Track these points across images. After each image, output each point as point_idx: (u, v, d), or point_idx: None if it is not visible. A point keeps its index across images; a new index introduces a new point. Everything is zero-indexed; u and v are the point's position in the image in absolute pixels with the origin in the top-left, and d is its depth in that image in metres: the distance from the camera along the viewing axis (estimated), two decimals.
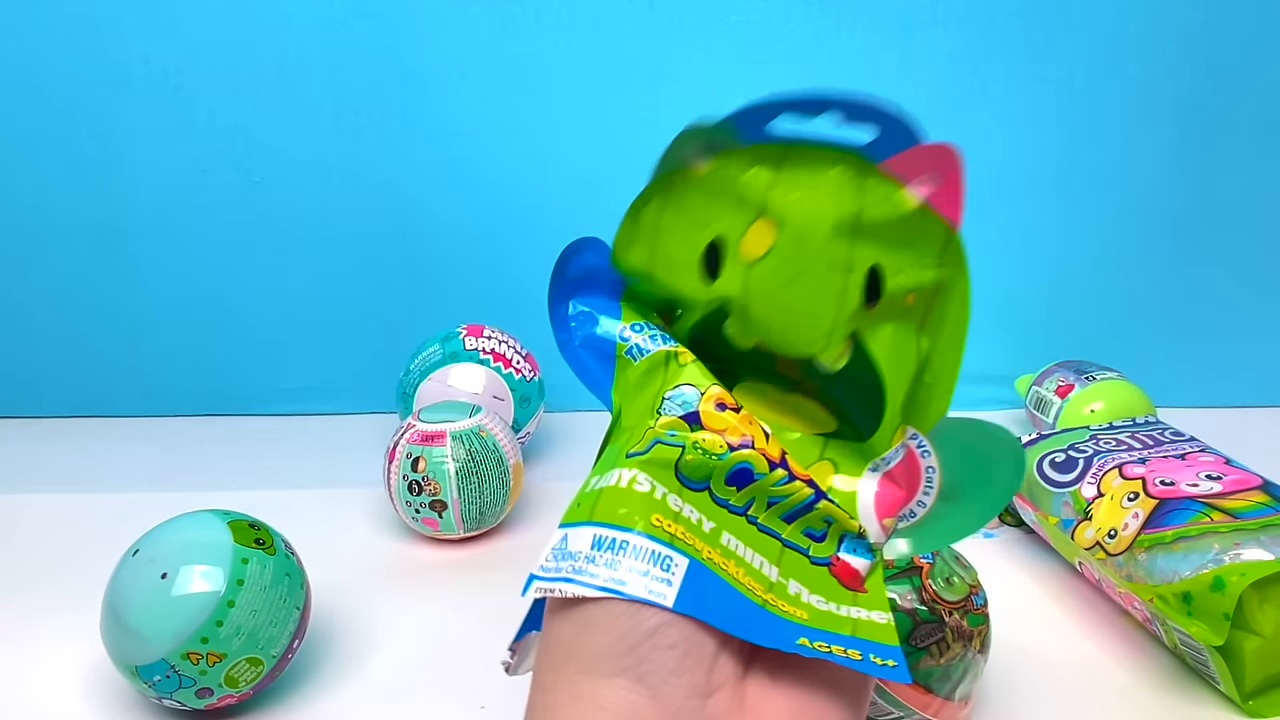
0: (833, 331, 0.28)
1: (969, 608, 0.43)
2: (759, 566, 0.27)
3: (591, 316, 0.31)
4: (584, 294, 0.31)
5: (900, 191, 0.27)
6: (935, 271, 0.28)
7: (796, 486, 0.28)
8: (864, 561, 0.29)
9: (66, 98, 0.76)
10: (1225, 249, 0.84)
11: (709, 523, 0.27)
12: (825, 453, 0.29)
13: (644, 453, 0.27)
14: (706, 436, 0.27)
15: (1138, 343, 0.85)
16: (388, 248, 0.82)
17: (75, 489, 0.71)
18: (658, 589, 0.24)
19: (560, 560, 0.25)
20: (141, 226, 0.80)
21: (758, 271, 0.28)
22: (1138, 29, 0.78)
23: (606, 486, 0.26)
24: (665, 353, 0.29)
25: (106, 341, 0.83)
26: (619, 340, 0.30)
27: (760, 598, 0.26)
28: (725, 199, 0.28)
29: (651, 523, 0.25)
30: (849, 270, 0.27)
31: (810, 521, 0.28)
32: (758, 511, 0.28)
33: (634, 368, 0.29)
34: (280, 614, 0.46)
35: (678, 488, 0.27)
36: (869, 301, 0.27)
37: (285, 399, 0.85)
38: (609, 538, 0.25)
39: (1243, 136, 0.81)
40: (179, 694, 0.44)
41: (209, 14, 0.75)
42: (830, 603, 0.27)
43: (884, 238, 0.27)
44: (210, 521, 0.46)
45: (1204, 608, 0.46)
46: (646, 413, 0.28)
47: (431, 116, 0.78)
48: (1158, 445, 0.59)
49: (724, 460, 0.27)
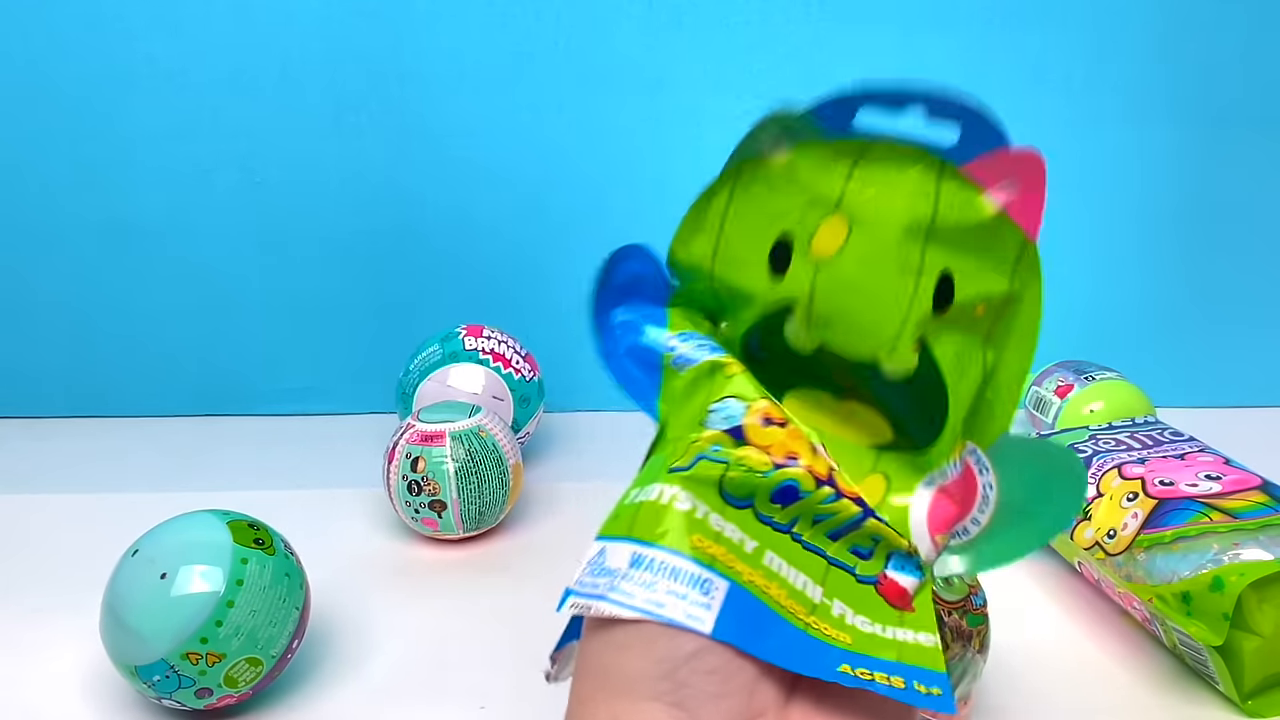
0: (900, 335, 0.27)
1: (968, 608, 0.43)
2: (802, 587, 0.26)
3: (636, 325, 0.30)
4: (629, 302, 0.30)
5: (978, 196, 0.26)
6: (1008, 282, 0.27)
7: (844, 504, 0.27)
8: (912, 580, 0.28)
9: (71, 98, 0.76)
10: (1225, 249, 0.84)
11: (751, 542, 0.26)
12: (878, 465, 0.28)
13: (687, 468, 0.26)
14: (751, 453, 0.26)
15: (1138, 343, 0.85)
16: (388, 248, 0.82)
17: (75, 489, 0.71)
18: (696, 613, 0.23)
19: (597, 575, 0.24)
20: (144, 226, 0.80)
21: (827, 270, 0.27)
22: (1137, 29, 0.78)
23: (646, 501, 0.25)
24: (711, 363, 0.28)
25: (107, 341, 0.83)
26: (665, 349, 0.29)
27: (802, 621, 0.25)
28: (799, 193, 0.27)
29: (693, 544, 0.24)
30: (920, 274, 0.26)
31: (857, 539, 0.27)
32: (803, 529, 0.27)
33: (680, 378, 0.29)
34: (280, 614, 0.46)
35: (720, 505, 0.26)
36: (938, 308, 0.26)
37: (285, 399, 0.85)
38: (648, 557, 0.24)
39: (1242, 136, 0.81)
40: (178, 694, 0.44)
41: (213, 14, 0.75)
42: (875, 624, 0.26)
43: (959, 243, 0.26)
44: (210, 521, 0.46)
45: (1203, 608, 0.46)
46: (691, 425, 0.27)
47: (431, 116, 0.78)
48: (1157, 445, 0.59)
49: (769, 478, 0.26)
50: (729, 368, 0.28)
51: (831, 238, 0.27)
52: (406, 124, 0.78)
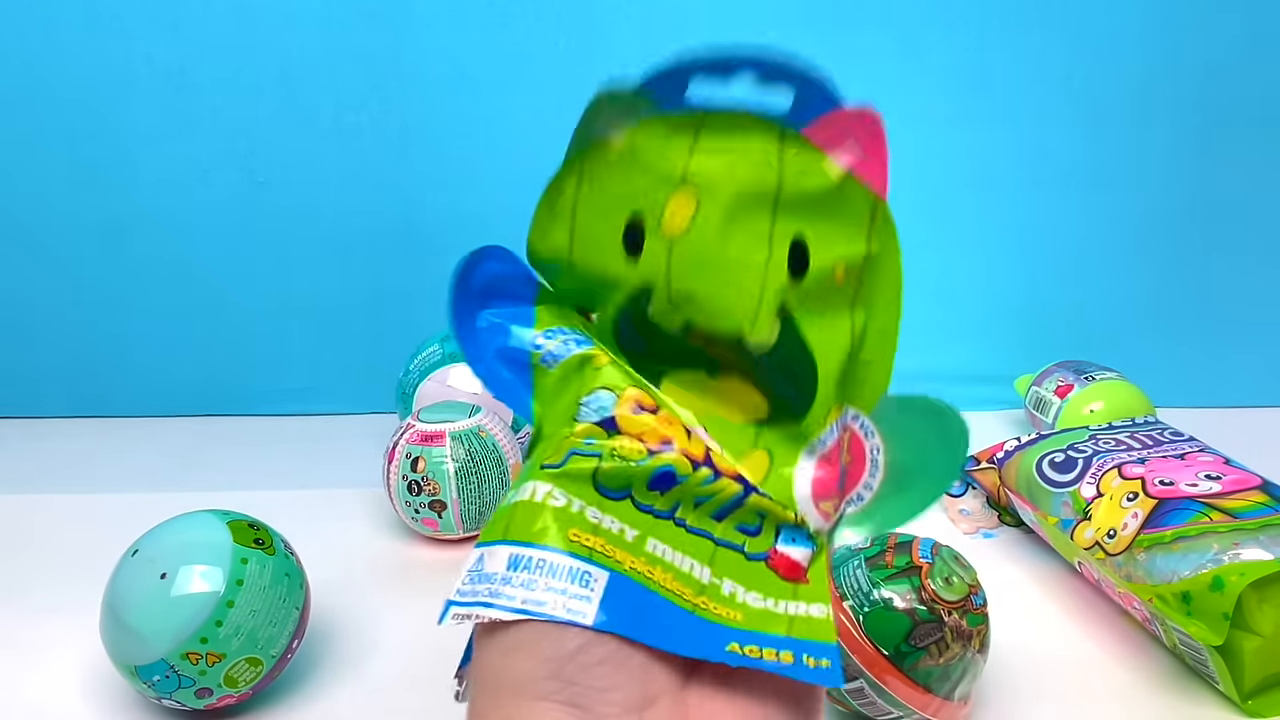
0: (760, 307, 0.26)
1: (968, 607, 0.43)
2: (689, 570, 0.26)
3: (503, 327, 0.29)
4: (493, 304, 0.30)
5: (822, 160, 0.26)
6: (864, 244, 0.27)
7: (724, 484, 0.27)
8: (804, 551, 0.27)
9: (69, 98, 0.76)
10: (1225, 249, 0.84)
11: (632, 531, 0.26)
12: (759, 441, 0.28)
13: (559, 465, 0.26)
14: (624, 442, 0.26)
15: (1138, 343, 0.85)
16: (388, 248, 0.82)
17: (75, 489, 0.71)
18: (577, 607, 0.23)
19: (477, 583, 0.24)
20: (143, 226, 0.80)
21: (680, 246, 0.26)
22: (1136, 29, 0.78)
23: (521, 501, 0.25)
24: (579, 356, 0.28)
25: (107, 341, 0.83)
26: (532, 348, 0.29)
27: (690, 603, 0.25)
28: (644, 172, 0.27)
29: (569, 538, 0.24)
30: (773, 242, 0.26)
31: (742, 517, 0.27)
32: (685, 513, 0.27)
33: (550, 375, 0.28)
34: (280, 614, 0.46)
35: (597, 499, 0.26)
36: (796, 275, 0.26)
37: (285, 399, 0.85)
38: (525, 556, 0.24)
39: (1242, 136, 0.81)
40: (178, 694, 0.44)
41: (211, 14, 0.75)
42: (768, 599, 0.26)
43: (809, 209, 0.26)
44: (210, 521, 0.46)
45: (1203, 607, 0.46)
46: (563, 421, 0.27)
47: (431, 116, 0.78)
48: (1157, 445, 0.59)
49: (644, 465, 0.26)
50: (597, 359, 0.28)
51: (680, 214, 0.26)
52: (406, 124, 0.78)
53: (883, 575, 0.43)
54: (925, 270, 0.88)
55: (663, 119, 0.27)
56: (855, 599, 0.43)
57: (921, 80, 0.79)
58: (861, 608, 0.43)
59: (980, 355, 0.85)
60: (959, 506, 0.67)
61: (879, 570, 0.44)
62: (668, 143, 0.27)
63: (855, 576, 0.44)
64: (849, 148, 0.26)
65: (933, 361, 0.84)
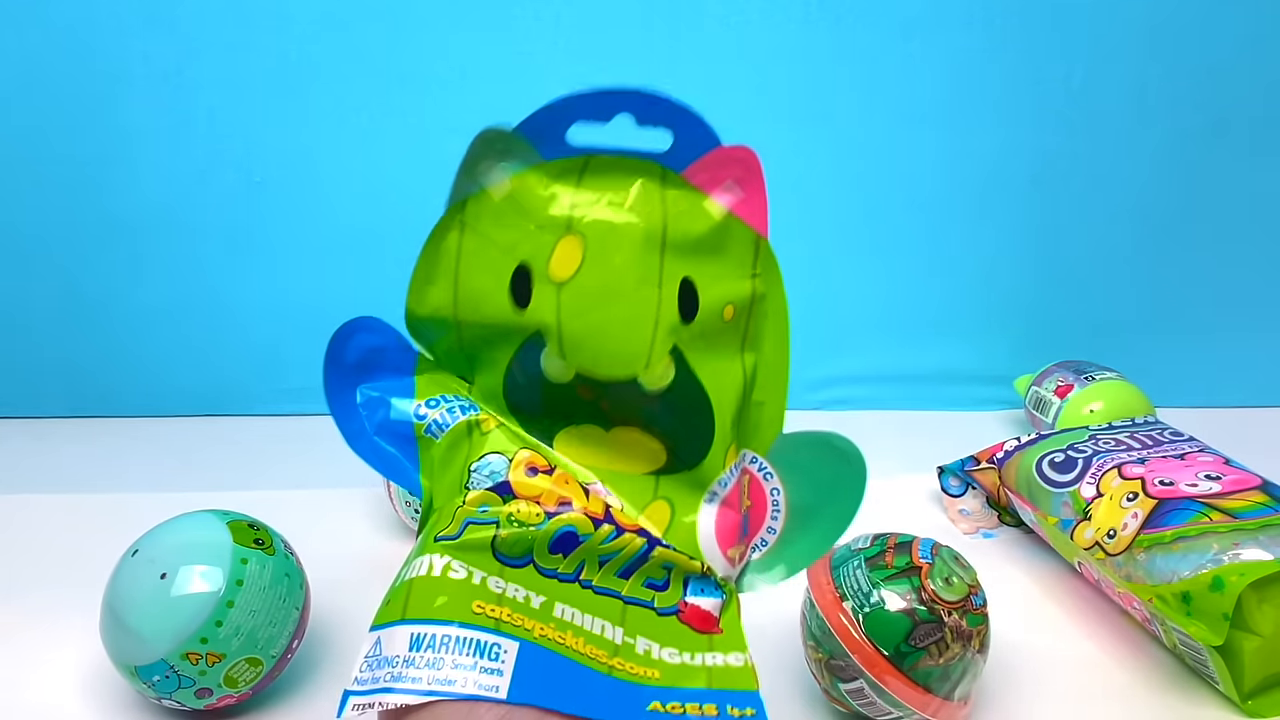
0: (652, 348, 0.26)
1: (968, 607, 0.43)
2: (601, 631, 0.25)
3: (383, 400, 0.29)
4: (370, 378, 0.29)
5: (704, 201, 0.26)
6: (749, 282, 0.27)
7: (627, 540, 0.26)
8: (714, 600, 0.27)
9: (66, 97, 0.76)
10: (1224, 249, 0.84)
11: (538, 598, 0.25)
12: (659, 491, 0.28)
13: (455, 536, 0.25)
14: (521, 507, 0.26)
15: (1137, 343, 0.85)
16: (387, 248, 0.81)
17: (75, 489, 0.71)
18: (489, 681, 0.23)
19: (377, 669, 0.24)
20: (141, 226, 0.80)
21: (569, 292, 0.26)
22: (1136, 29, 0.78)
23: (417, 577, 0.25)
24: (467, 423, 0.28)
25: (106, 341, 0.83)
26: (415, 419, 0.28)
27: (605, 665, 0.25)
28: (527, 220, 0.27)
29: (473, 610, 0.24)
30: (661, 284, 0.26)
31: (649, 572, 0.27)
32: (590, 574, 0.26)
33: (436, 445, 0.28)
34: (279, 614, 0.46)
35: (498, 569, 0.25)
36: (686, 316, 0.26)
37: (285, 399, 0.85)
38: (428, 634, 0.23)
39: (1241, 136, 0.81)
40: (178, 694, 0.44)
41: (209, 13, 0.75)
42: (684, 654, 0.26)
43: (694, 249, 0.26)
44: (209, 522, 0.46)
45: (1203, 608, 0.46)
46: (455, 490, 0.27)
47: (431, 116, 0.78)
48: (1157, 445, 0.59)
49: (543, 529, 0.26)
50: (485, 424, 0.27)
51: (567, 260, 0.26)
52: (406, 124, 0.78)
53: (883, 575, 0.43)
54: (925, 271, 0.89)
55: (544, 165, 0.27)
56: (855, 599, 0.43)
57: (921, 80, 0.79)
58: (861, 608, 0.43)
59: (980, 355, 0.85)
60: (959, 506, 0.67)
61: (879, 570, 0.44)
62: (550, 189, 0.26)
63: (855, 577, 0.44)
64: (728, 188, 0.26)
65: (933, 361, 0.84)
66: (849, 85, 0.78)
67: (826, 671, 0.45)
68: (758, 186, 0.26)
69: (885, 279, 0.85)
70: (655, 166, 0.26)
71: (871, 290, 0.85)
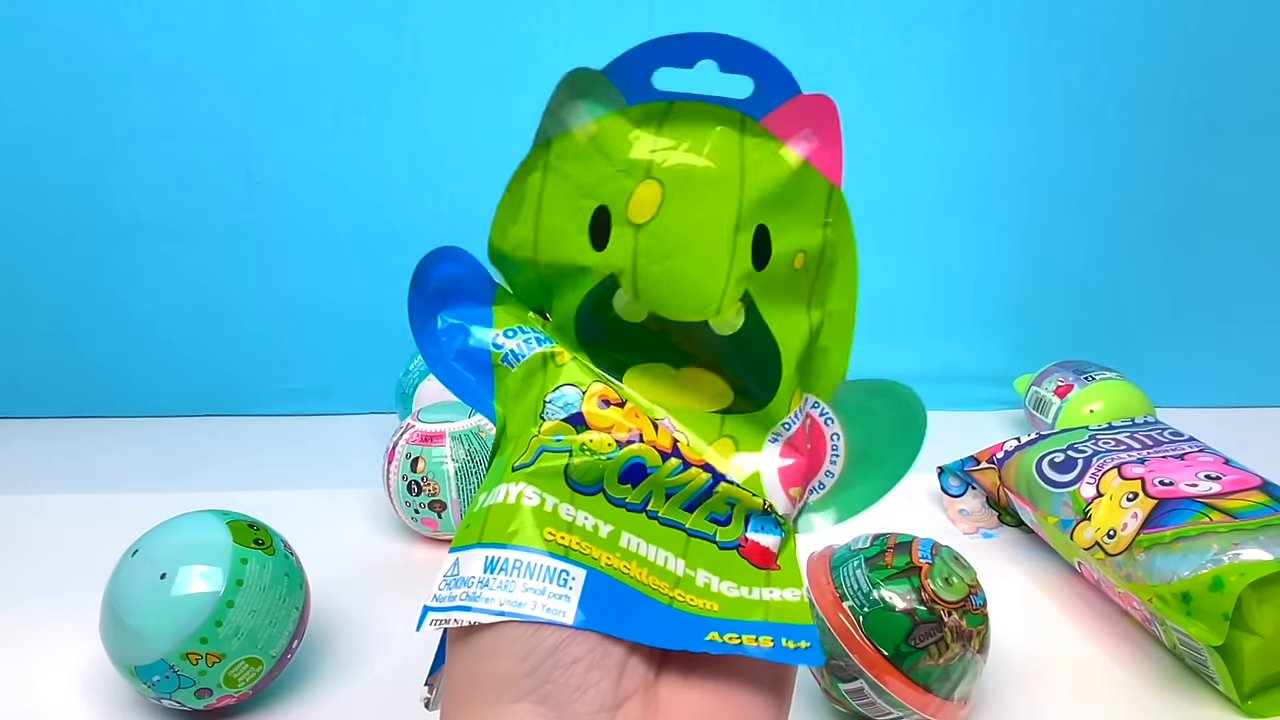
0: (725, 292, 0.27)
1: (968, 608, 0.43)
2: (664, 563, 0.26)
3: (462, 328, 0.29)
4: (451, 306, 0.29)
5: (781, 149, 0.27)
6: (821, 231, 0.27)
7: (693, 474, 0.27)
8: (773, 538, 0.28)
9: (66, 98, 0.76)
10: (1224, 249, 0.84)
11: (606, 526, 0.26)
12: (724, 429, 0.29)
13: (530, 464, 0.26)
14: (593, 437, 0.26)
15: (1137, 343, 0.85)
16: (387, 248, 0.82)
17: (75, 489, 0.71)
18: (556, 606, 0.23)
19: (454, 588, 0.24)
20: (141, 227, 0.80)
21: (646, 235, 0.27)
22: (1136, 29, 0.78)
23: (494, 504, 0.25)
24: (542, 355, 0.28)
25: (106, 342, 0.83)
26: (493, 348, 0.29)
27: (667, 596, 0.25)
28: (609, 163, 0.27)
29: (544, 537, 0.24)
30: (737, 229, 0.27)
31: (712, 506, 0.28)
32: (657, 505, 0.27)
33: (512, 375, 0.28)
34: (279, 614, 0.46)
35: (569, 495, 0.26)
36: (758, 263, 0.27)
37: (285, 399, 0.85)
38: (501, 558, 0.24)
39: (1241, 136, 0.81)
40: (178, 694, 0.44)
41: (208, 14, 0.75)
42: (742, 587, 0.27)
43: (769, 197, 0.27)
44: (209, 522, 0.46)
45: (1203, 608, 0.46)
46: (530, 420, 0.27)
47: (431, 116, 0.78)
48: (1157, 445, 0.59)
49: (614, 459, 0.26)
50: (560, 357, 0.28)
51: (646, 204, 0.27)
52: (406, 124, 0.78)
53: (883, 575, 0.43)
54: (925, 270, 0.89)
55: (628, 109, 0.27)
56: (855, 599, 0.43)
57: (921, 80, 0.79)
58: (861, 608, 0.43)
59: (980, 355, 0.85)
60: (959, 506, 0.67)
61: (879, 570, 0.44)
62: (632, 133, 0.27)
63: (855, 577, 0.44)
64: (805, 136, 0.27)
65: (933, 361, 0.84)
66: (849, 85, 0.78)
67: (826, 671, 0.45)
68: (834, 136, 0.27)
69: (885, 279, 0.85)
70: (735, 114, 0.27)
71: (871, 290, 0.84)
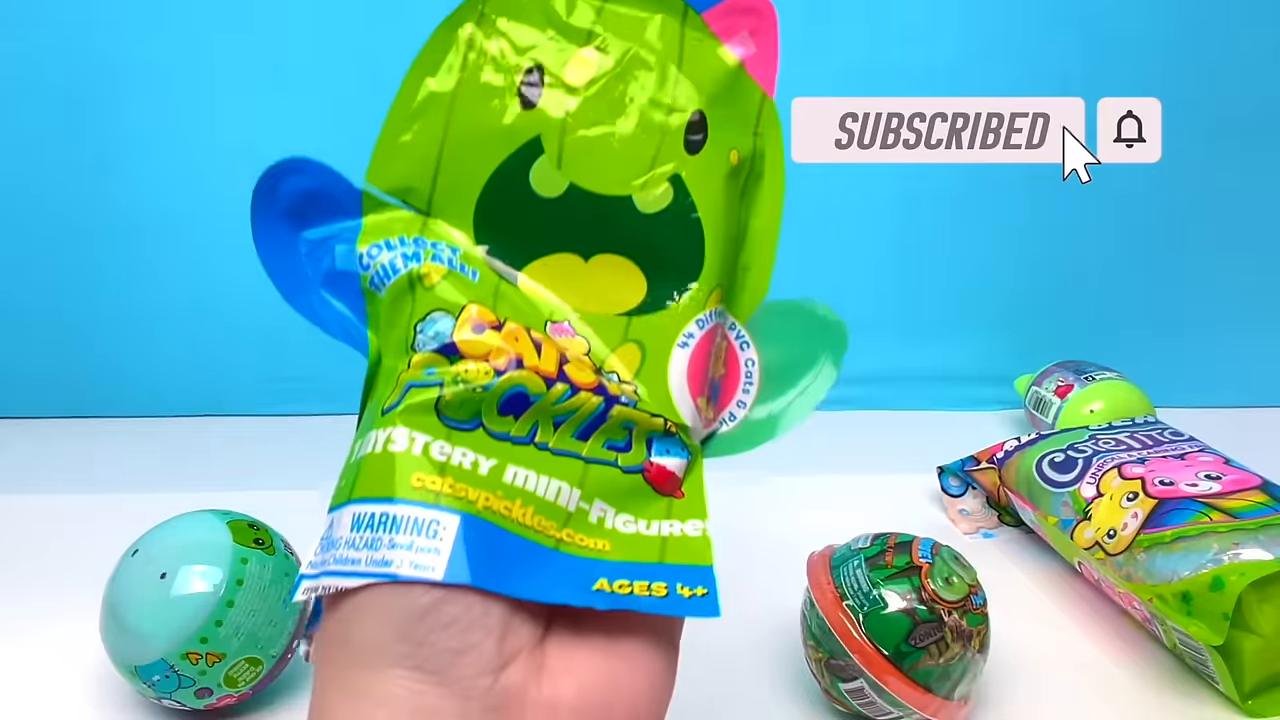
0: (654, 165, 0.26)
1: (968, 607, 0.43)
2: (555, 496, 0.24)
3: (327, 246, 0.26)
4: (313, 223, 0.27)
5: (719, 47, 0.27)
6: (750, 139, 0.27)
7: (582, 399, 0.25)
8: (679, 461, 0.26)
9: (66, 98, 0.76)
10: (1224, 249, 0.84)
11: (487, 462, 0.23)
12: (629, 333, 0.26)
13: (397, 404, 0.23)
14: (469, 367, 0.24)
15: (1138, 343, 0.85)
16: None
17: (75, 489, 0.71)
18: (424, 561, 0.21)
19: (325, 550, 0.22)
20: (141, 227, 0.80)
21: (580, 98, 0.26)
22: (1136, 29, 0.78)
23: (366, 455, 0.23)
24: (408, 276, 0.25)
25: (106, 342, 0.83)
26: (360, 270, 0.26)
27: (553, 539, 0.23)
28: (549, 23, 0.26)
29: (412, 485, 0.22)
30: (672, 110, 0.26)
31: (609, 432, 0.25)
32: (545, 436, 0.24)
33: (380, 301, 0.25)
34: (280, 614, 0.46)
35: (444, 432, 0.23)
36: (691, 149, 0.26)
37: (285, 399, 0.85)
38: (367, 514, 0.22)
39: (1241, 136, 0.81)
40: (178, 694, 0.44)
41: (208, 15, 0.75)
42: (639, 521, 0.25)
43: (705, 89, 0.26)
44: (209, 522, 0.46)
45: (1203, 607, 0.46)
46: (400, 352, 0.24)
47: None
48: (1157, 445, 0.59)
49: (491, 389, 0.24)
50: (429, 277, 0.25)
51: (584, 69, 0.26)
52: None
53: (883, 575, 0.43)
54: (925, 271, 0.89)
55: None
56: (855, 599, 0.43)
57: (921, 79, 0.79)
58: (861, 608, 0.43)
59: (980, 355, 0.85)
60: (959, 506, 0.67)
61: (879, 570, 0.44)
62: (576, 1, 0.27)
63: (855, 576, 0.44)
64: (742, 40, 0.27)
65: (933, 361, 0.84)
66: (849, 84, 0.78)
67: (826, 671, 0.45)
68: (771, 43, 0.27)
69: (885, 279, 0.85)
70: (679, 3, 0.27)
71: (871, 290, 0.85)
